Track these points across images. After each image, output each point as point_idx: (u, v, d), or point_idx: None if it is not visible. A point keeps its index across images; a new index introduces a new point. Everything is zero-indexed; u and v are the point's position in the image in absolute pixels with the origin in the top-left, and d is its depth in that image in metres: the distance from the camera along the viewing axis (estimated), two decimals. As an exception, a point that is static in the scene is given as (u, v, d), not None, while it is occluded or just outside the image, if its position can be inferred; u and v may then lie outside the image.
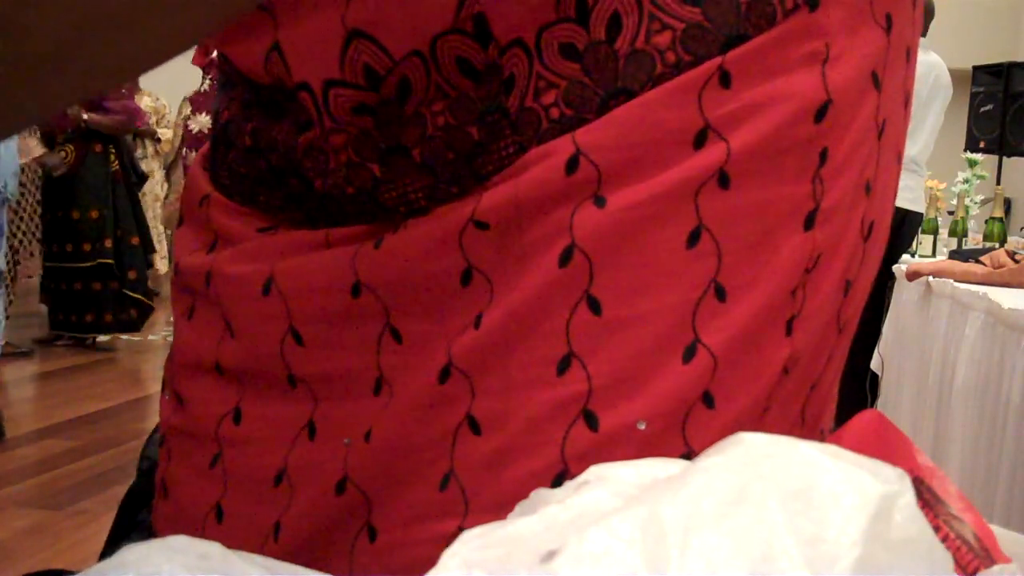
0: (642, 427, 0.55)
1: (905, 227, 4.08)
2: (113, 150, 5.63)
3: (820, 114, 0.56)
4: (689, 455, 0.55)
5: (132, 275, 5.69)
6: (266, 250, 0.64)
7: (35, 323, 6.01)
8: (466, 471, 0.57)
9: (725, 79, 0.55)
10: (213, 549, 0.31)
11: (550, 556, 0.26)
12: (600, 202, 0.55)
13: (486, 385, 0.57)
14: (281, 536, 0.62)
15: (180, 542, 0.31)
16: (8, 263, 4.43)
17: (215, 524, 0.66)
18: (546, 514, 0.29)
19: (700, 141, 0.55)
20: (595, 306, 0.55)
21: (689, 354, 0.55)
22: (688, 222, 0.55)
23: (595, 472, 0.32)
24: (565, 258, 0.55)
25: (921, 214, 4.14)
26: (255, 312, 0.63)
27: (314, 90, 0.58)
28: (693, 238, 0.55)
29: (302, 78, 0.58)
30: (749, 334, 0.56)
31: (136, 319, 5.77)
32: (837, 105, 0.56)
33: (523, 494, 0.54)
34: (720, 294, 0.55)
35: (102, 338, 5.80)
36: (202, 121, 5.80)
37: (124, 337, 5.96)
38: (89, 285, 5.61)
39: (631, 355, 0.55)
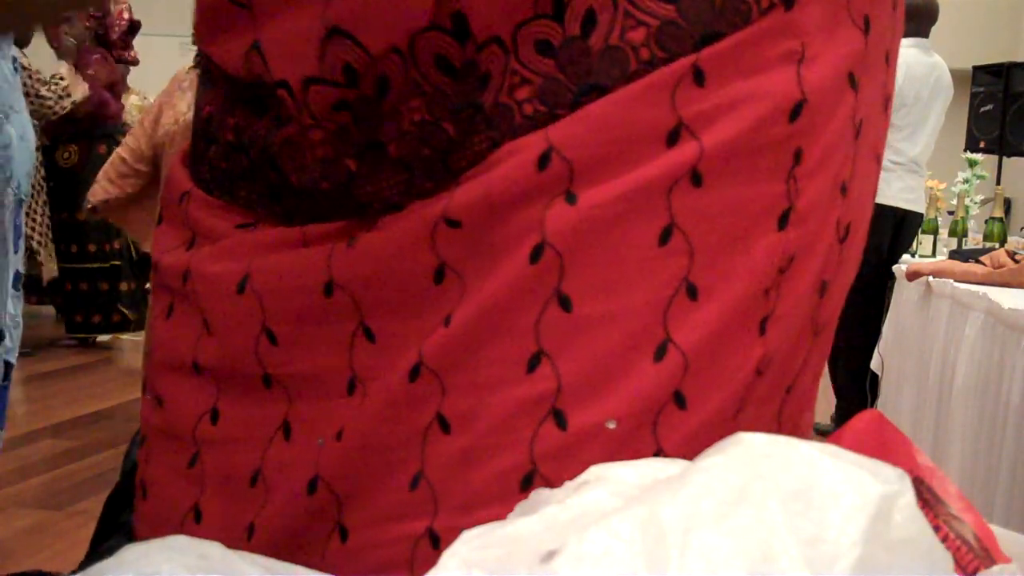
0: (612, 426, 0.54)
1: (905, 227, 4.07)
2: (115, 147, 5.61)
3: (794, 114, 0.56)
4: (660, 455, 0.55)
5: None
6: (243, 248, 0.64)
7: (32, 323, 6.00)
8: (436, 471, 0.57)
9: (699, 77, 0.55)
10: (213, 549, 0.31)
11: (550, 556, 0.26)
12: (571, 199, 0.55)
13: (456, 383, 0.57)
14: (255, 537, 0.62)
15: (180, 542, 0.31)
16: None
17: (194, 524, 0.66)
18: (546, 514, 0.29)
19: (673, 139, 0.55)
20: (565, 303, 0.55)
21: (660, 353, 0.55)
22: (660, 220, 0.55)
23: (595, 472, 0.32)
24: (536, 255, 0.55)
25: (921, 214, 4.14)
26: (231, 311, 0.63)
27: (293, 88, 0.58)
28: (665, 236, 0.55)
29: (281, 76, 0.58)
30: (721, 333, 0.56)
31: (141, 319, 5.76)
32: (812, 105, 0.56)
33: (492, 494, 0.54)
34: (692, 293, 0.55)
35: (102, 338, 5.79)
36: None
37: (124, 337, 5.95)
38: (96, 286, 5.60)
39: (601, 353, 0.55)
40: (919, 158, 4.06)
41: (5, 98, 1.56)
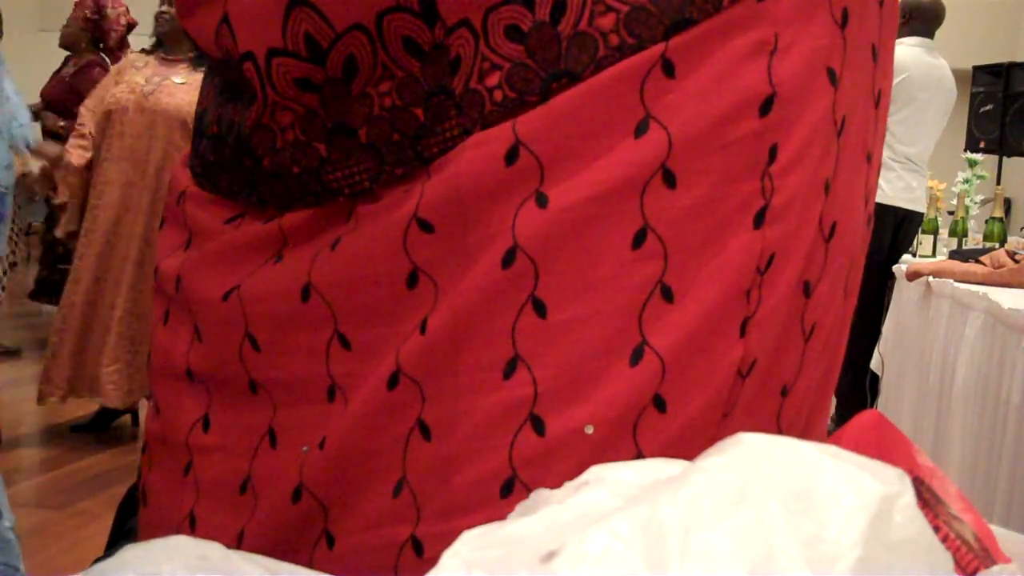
0: (590, 431, 0.54)
1: (906, 227, 4.07)
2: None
3: (765, 107, 0.55)
4: (640, 458, 0.54)
5: None
6: (229, 253, 0.64)
7: (34, 323, 5.99)
8: (417, 477, 0.57)
9: (668, 68, 0.54)
10: (213, 549, 0.31)
11: (550, 556, 0.26)
12: (542, 201, 0.54)
13: (435, 390, 0.56)
14: (244, 544, 0.62)
15: (180, 542, 0.31)
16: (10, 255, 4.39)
17: (189, 531, 0.66)
18: (546, 514, 0.29)
19: (641, 130, 0.54)
20: (540, 308, 0.54)
21: (636, 357, 0.54)
22: (633, 222, 0.54)
23: (595, 472, 0.32)
24: (508, 259, 0.54)
25: (922, 214, 4.14)
26: (217, 317, 0.63)
27: (258, 59, 0.57)
28: (639, 239, 0.54)
29: (247, 47, 0.58)
30: (699, 335, 0.55)
31: None
32: (783, 98, 0.55)
33: (473, 500, 0.54)
34: (667, 295, 0.54)
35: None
36: None
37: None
38: None
39: (577, 358, 0.54)
40: (917, 157, 4.05)
41: None
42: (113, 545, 0.94)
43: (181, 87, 3.57)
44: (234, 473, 0.64)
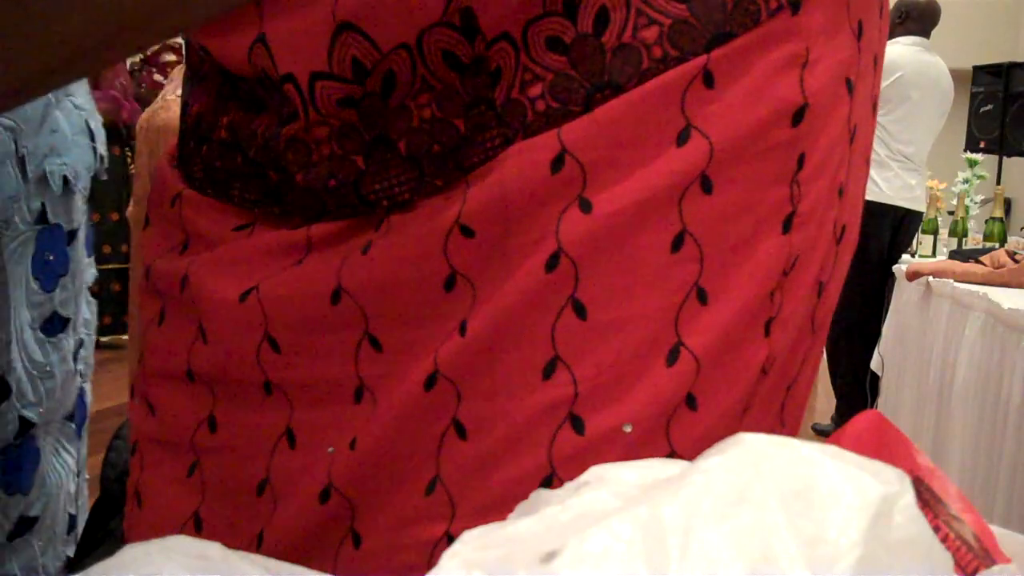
0: (628, 430, 0.55)
1: (905, 226, 4.08)
2: (129, 153, 5.61)
3: (797, 117, 0.56)
4: (673, 457, 0.55)
5: None
6: (247, 255, 0.63)
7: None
8: (452, 476, 0.57)
9: (708, 79, 0.55)
10: (213, 549, 0.31)
11: (550, 557, 0.26)
12: (586, 207, 0.55)
13: (472, 390, 0.57)
14: (264, 545, 0.62)
15: (180, 542, 0.31)
16: None
17: (194, 533, 0.65)
18: (546, 515, 0.29)
19: (682, 140, 0.55)
20: (580, 310, 0.55)
21: (673, 357, 0.55)
22: (672, 227, 0.55)
23: (595, 473, 0.32)
24: (552, 263, 0.55)
25: (921, 213, 4.15)
26: (231, 318, 0.63)
27: (300, 83, 0.58)
28: (677, 243, 0.55)
29: (288, 70, 0.58)
30: (730, 336, 0.56)
31: None
32: (813, 109, 0.57)
33: (510, 497, 0.54)
34: (702, 297, 0.56)
35: (103, 338, 5.79)
36: None
37: (126, 337, 5.95)
38: (109, 287, 5.60)
39: (616, 359, 0.55)
40: (915, 156, 4.06)
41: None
42: (91, 547, 0.93)
43: (175, 101, 3.59)
44: (249, 474, 0.63)
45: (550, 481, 0.55)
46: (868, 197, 2.23)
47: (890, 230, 4.02)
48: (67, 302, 1.35)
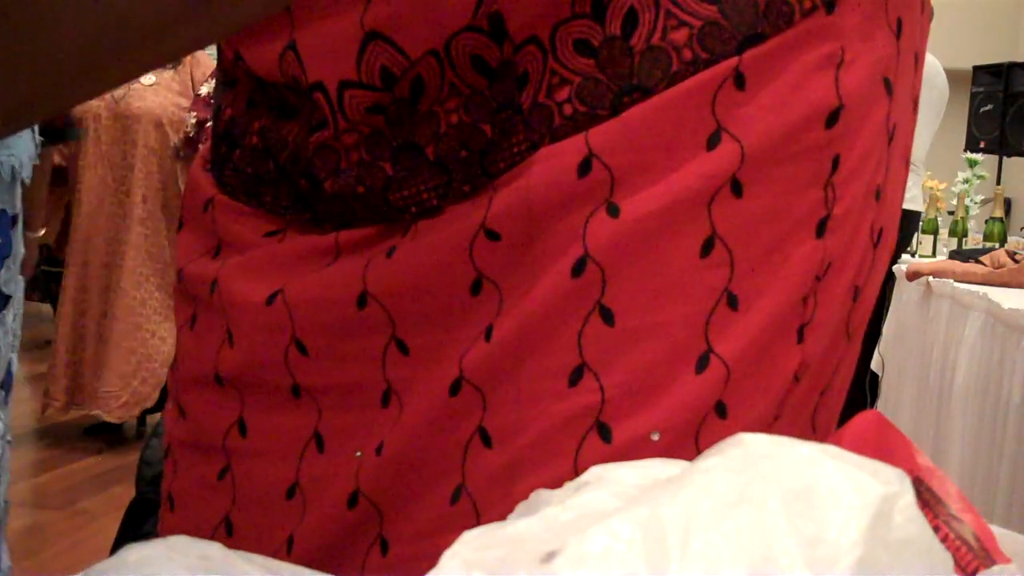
0: (656, 438, 0.54)
1: (903, 227, 4.07)
2: None
3: (832, 119, 0.55)
4: None
5: None
6: (276, 260, 0.63)
7: (32, 323, 6.00)
8: (477, 484, 0.56)
9: (740, 81, 0.54)
10: (213, 549, 0.31)
11: (550, 557, 0.26)
12: (614, 211, 0.54)
13: (498, 397, 0.56)
14: (294, 549, 0.62)
15: (181, 542, 0.31)
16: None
17: (225, 537, 0.65)
18: (546, 515, 0.29)
19: (713, 143, 0.54)
20: (608, 316, 0.54)
21: (702, 364, 0.54)
22: (701, 231, 0.54)
23: (595, 473, 0.32)
24: (578, 269, 0.54)
25: (919, 213, 4.14)
26: (258, 321, 0.62)
27: (329, 91, 0.57)
28: (706, 248, 0.54)
29: (317, 78, 0.57)
30: (761, 343, 0.55)
31: None
32: (849, 111, 0.56)
33: None
34: (732, 303, 0.54)
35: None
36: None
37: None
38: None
39: (644, 366, 0.54)
40: (913, 156, 4.05)
41: None
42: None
43: (150, 88, 3.59)
44: (279, 478, 0.63)
45: None
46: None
47: (891, 231, 4.01)
48: (9, 282, 1.49)
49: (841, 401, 0.65)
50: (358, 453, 0.60)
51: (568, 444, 0.54)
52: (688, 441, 0.54)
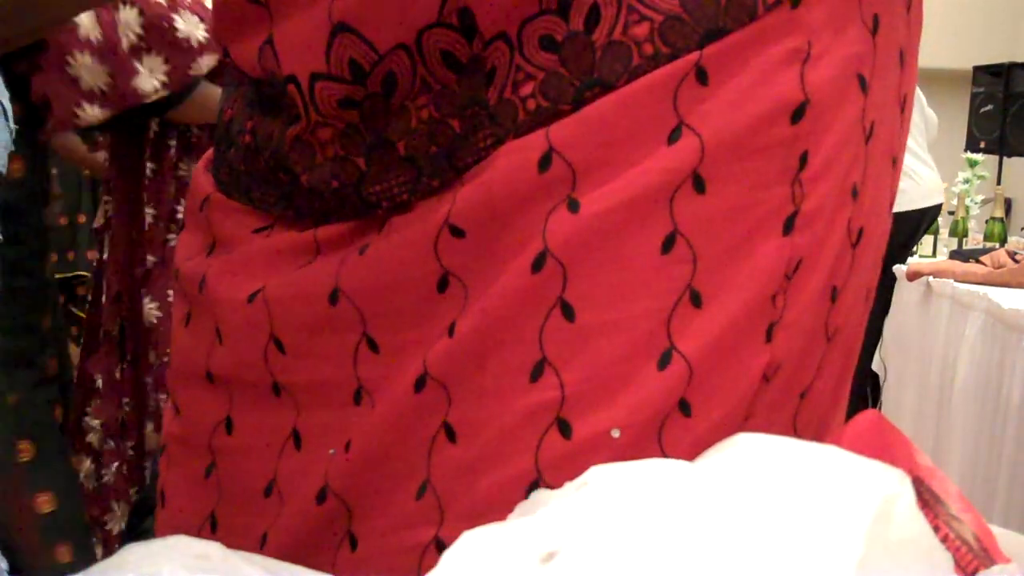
0: (616, 435, 0.54)
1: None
2: None
3: (797, 115, 0.55)
4: None
5: None
6: (260, 257, 0.64)
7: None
8: (442, 480, 0.56)
9: (702, 75, 0.54)
10: (213, 549, 0.31)
11: (550, 557, 0.26)
12: (574, 206, 0.54)
13: (462, 393, 0.56)
14: (267, 546, 0.62)
15: (180, 542, 0.31)
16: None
17: (210, 534, 0.66)
18: (546, 515, 0.29)
19: (674, 137, 0.54)
20: (569, 312, 0.54)
21: (664, 361, 0.54)
22: (663, 228, 0.54)
23: (595, 473, 0.32)
24: (538, 264, 0.54)
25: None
26: (240, 318, 0.63)
27: (301, 83, 0.58)
28: (668, 244, 0.54)
29: (290, 71, 0.58)
30: (726, 341, 0.54)
31: None
32: (816, 106, 0.55)
33: (498, 502, 0.53)
34: (696, 300, 0.54)
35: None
36: None
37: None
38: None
39: (605, 362, 0.54)
40: (915, 149, 4.05)
41: None
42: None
43: None
44: (259, 475, 0.64)
45: (536, 486, 0.54)
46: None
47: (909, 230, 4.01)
48: None
49: (829, 404, 0.64)
50: (332, 451, 0.60)
51: (529, 440, 0.54)
52: (650, 439, 0.54)
